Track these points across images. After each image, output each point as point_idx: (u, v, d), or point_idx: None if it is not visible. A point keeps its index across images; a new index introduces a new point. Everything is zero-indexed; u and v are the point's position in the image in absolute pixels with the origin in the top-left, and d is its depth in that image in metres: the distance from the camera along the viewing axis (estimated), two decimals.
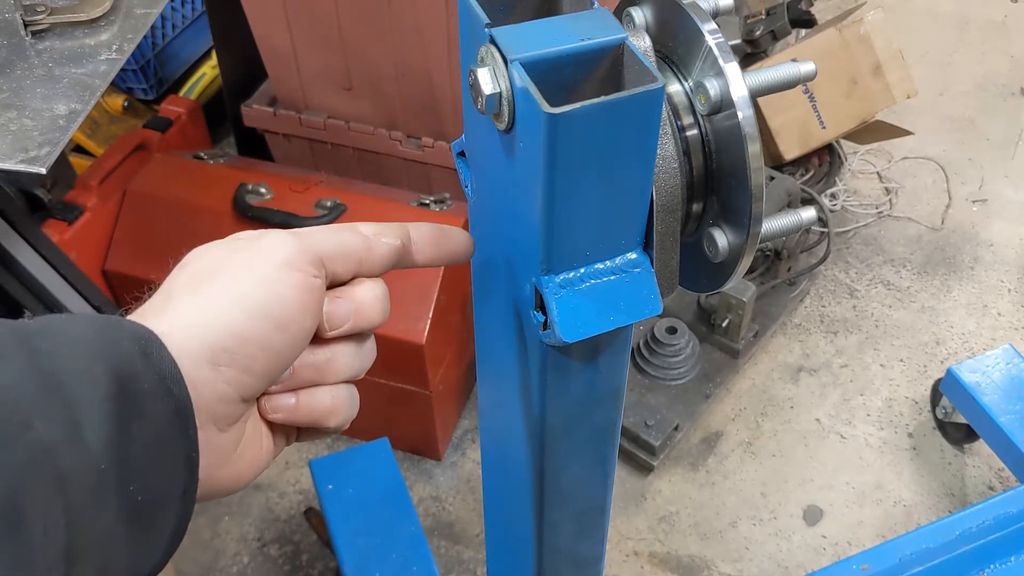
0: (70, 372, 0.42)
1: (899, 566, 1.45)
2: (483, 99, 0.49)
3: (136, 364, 0.44)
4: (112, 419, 0.42)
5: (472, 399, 1.95)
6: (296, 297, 0.50)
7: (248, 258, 0.50)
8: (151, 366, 0.45)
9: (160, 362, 0.45)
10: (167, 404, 0.45)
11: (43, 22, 1.20)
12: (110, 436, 0.42)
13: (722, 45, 0.51)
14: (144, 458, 0.44)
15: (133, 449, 0.43)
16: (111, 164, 1.82)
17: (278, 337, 0.49)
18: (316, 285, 0.51)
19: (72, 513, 0.41)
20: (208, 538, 1.75)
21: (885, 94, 2.13)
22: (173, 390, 0.45)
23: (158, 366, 0.45)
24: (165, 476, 0.45)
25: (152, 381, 0.44)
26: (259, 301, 0.48)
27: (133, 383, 0.44)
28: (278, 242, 0.51)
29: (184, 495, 0.46)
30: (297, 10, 1.82)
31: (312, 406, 0.54)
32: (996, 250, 2.30)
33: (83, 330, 0.45)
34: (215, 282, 0.49)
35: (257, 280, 0.49)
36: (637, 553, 1.73)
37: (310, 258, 0.51)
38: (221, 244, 0.52)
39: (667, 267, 0.56)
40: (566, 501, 0.72)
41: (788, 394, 1.99)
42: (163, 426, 0.45)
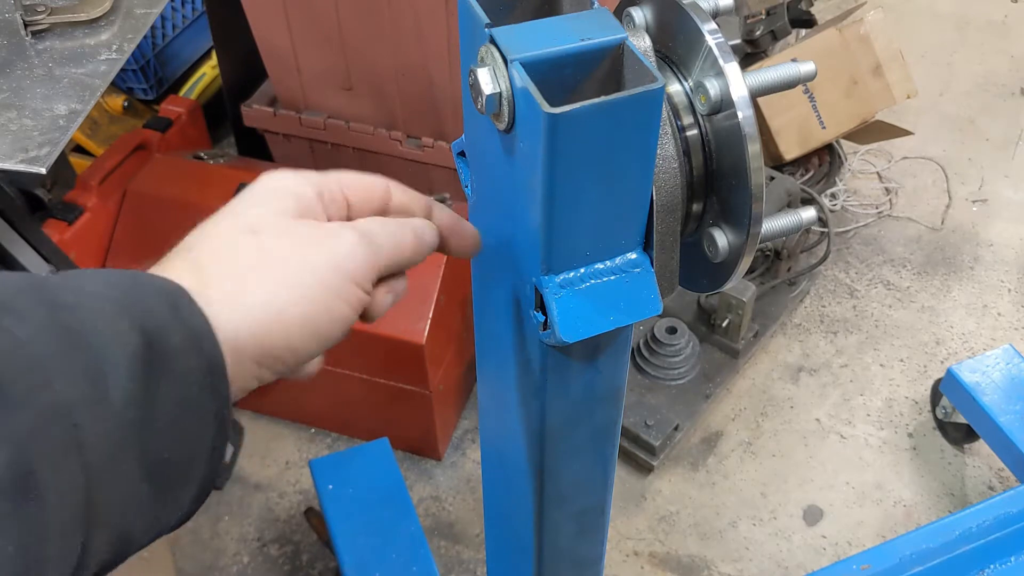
0: (94, 328, 0.41)
1: (899, 566, 1.45)
2: (483, 99, 0.49)
3: (165, 319, 0.43)
4: (138, 377, 0.41)
5: (472, 399, 1.95)
6: (348, 317, 0.50)
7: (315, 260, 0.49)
8: (181, 321, 0.44)
9: (190, 317, 0.44)
10: (198, 361, 0.44)
11: (43, 22, 1.20)
12: (135, 394, 0.41)
13: (722, 45, 0.51)
14: (171, 416, 0.43)
15: (160, 407, 0.42)
16: (111, 164, 1.82)
17: (317, 350, 0.50)
18: (365, 302, 0.52)
19: (92, 473, 0.40)
20: (208, 538, 1.75)
21: (885, 94, 2.13)
22: (203, 346, 0.44)
23: (187, 321, 0.44)
24: (193, 433, 0.44)
25: (181, 336, 0.43)
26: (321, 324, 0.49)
27: (162, 339, 0.42)
28: (351, 252, 0.50)
29: (213, 450, 0.46)
30: (297, 10, 1.82)
31: None
32: (996, 250, 2.30)
33: (108, 284, 0.43)
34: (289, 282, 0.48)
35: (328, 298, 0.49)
36: (637, 553, 1.73)
37: (374, 276, 0.51)
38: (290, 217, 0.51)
39: (667, 267, 0.56)
40: (566, 501, 0.72)
41: (788, 394, 1.99)
42: (193, 383, 0.44)
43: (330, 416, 1.89)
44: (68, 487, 0.39)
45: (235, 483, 1.82)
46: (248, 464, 1.85)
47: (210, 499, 1.80)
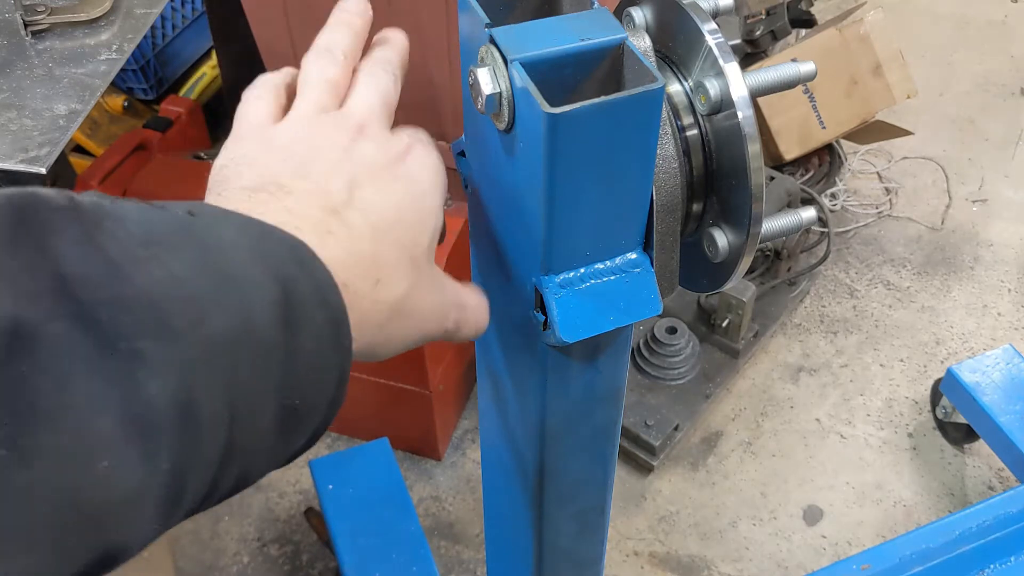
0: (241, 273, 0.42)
1: (899, 566, 1.45)
2: (483, 99, 0.49)
3: (294, 271, 0.44)
4: (279, 324, 0.42)
5: (472, 399, 1.95)
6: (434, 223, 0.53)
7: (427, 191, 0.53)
8: (307, 273, 0.44)
9: (314, 270, 0.45)
10: (324, 312, 0.44)
11: (43, 22, 1.20)
12: (277, 340, 0.42)
13: (722, 45, 0.51)
14: (305, 366, 0.43)
15: (296, 354, 0.43)
16: (111, 164, 1.82)
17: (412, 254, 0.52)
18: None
19: (236, 412, 0.40)
20: (208, 538, 1.75)
21: (885, 94, 2.13)
22: (329, 298, 0.45)
23: (312, 274, 0.44)
24: (320, 385, 0.45)
25: (310, 288, 0.44)
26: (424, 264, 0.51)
27: (294, 290, 0.43)
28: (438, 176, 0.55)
29: (331, 403, 0.46)
30: (297, 10, 1.82)
31: None
32: (996, 250, 2.30)
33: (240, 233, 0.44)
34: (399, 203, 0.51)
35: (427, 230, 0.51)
36: (637, 553, 1.73)
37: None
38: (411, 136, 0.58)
39: (667, 267, 0.56)
40: (566, 501, 0.72)
41: (788, 394, 1.99)
42: (321, 336, 0.44)
43: None
44: (218, 422, 0.40)
45: None
46: None
47: None
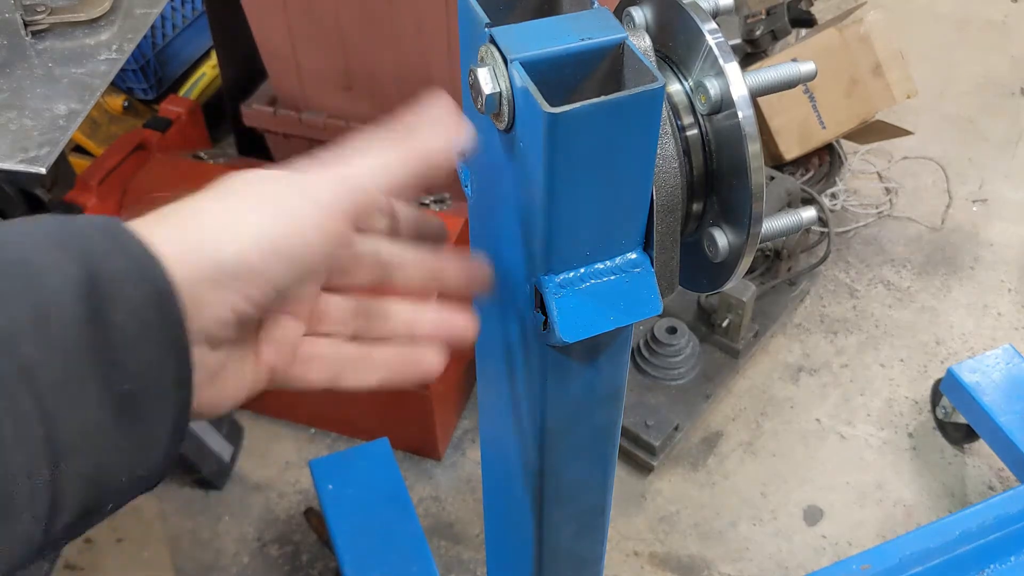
0: (30, 259, 0.41)
1: (899, 566, 1.45)
2: (483, 99, 0.49)
3: (104, 248, 0.43)
4: (82, 303, 0.41)
5: (472, 399, 1.95)
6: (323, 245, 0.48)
7: (289, 193, 0.48)
8: (121, 249, 0.43)
9: (130, 245, 0.44)
10: (144, 287, 0.43)
11: (43, 22, 1.20)
12: (81, 320, 0.41)
13: (722, 45, 0.51)
14: (125, 343, 0.42)
15: (111, 334, 0.42)
16: (111, 164, 1.82)
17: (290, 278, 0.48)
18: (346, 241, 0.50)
19: (47, 403, 0.39)
20: (208, 538, 1.75)
21: (885, 94, 2.13)
22: (147, 273, 0.43)
23: (128, 250, 0.43)
24: (151, 361, 0.43)
25: (123, 263, 0.43)
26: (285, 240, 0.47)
27: (102, 266, 0.42)
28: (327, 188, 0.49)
29: (179, 383, 0.44)
30: (297, 10, 1.82)
31: None
32: (996, 250, 2.30)
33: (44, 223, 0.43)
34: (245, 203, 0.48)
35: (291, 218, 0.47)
36: (637, 553, 1.73)
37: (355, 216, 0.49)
38: (269, 171, 0.50)
39: (667, 267, 0.56)
40: (566, 501, 0.72)
41: (788, 394, 1.99)
42: (141, 309, 0.43)
43: (330, 416, 1.89)
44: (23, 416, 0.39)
45: (235, 483, 1.82)
46: (248, 464, 1.85)
47: (210, 499, 1.80)
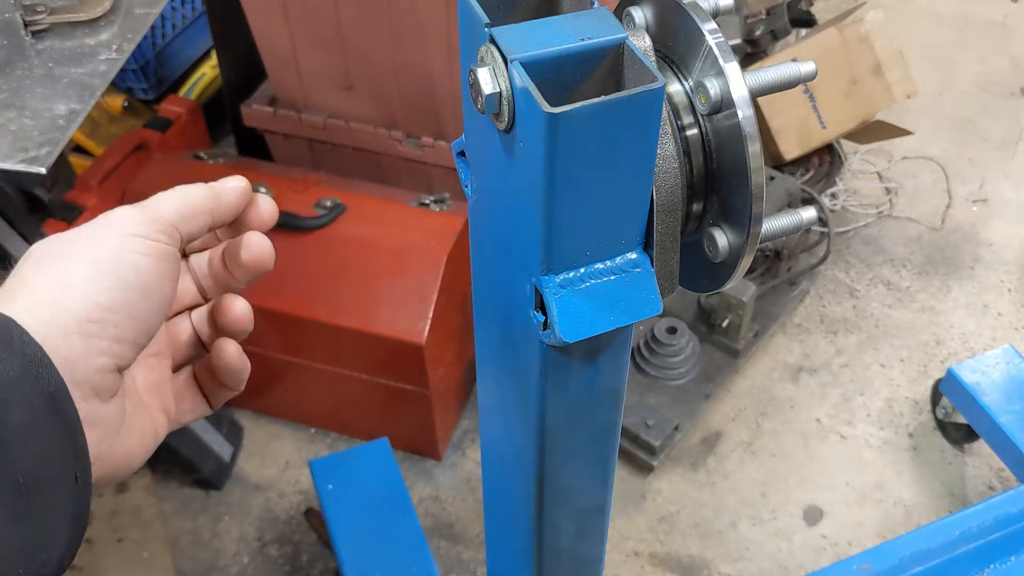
0: None
1: (899, 566, 1.45)
2: (483, 99, 0.49)
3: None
4: None
5: (472, 399, 1.95)
6: (152, 265, 0.51)
7: (97, 235, 0.51)
8: (12, 352, 0.44)
9: (23, 347, 0.45)
10: (36, 387, 0.44)
11: (43, 22, 1.20)
12: None
13: (722, 45, 0.51)
14: (18, 441, 0.43)
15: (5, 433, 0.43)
16: (111, 164, 1.82)
17: (141, 304, 0.50)
18: (169, 252, 0.53)
19: None
20: (208, 538, 1.75)
21: (885, 94, 2.13)
22: (41, 373, 0.45)
23: (20, 351, 0.45)
24: (48, 458, 0.44)
25: (17, 368, 0.44)
26: (115, 272, 0.49)
27: None
28: (124, 216, 0.52)
29: (77, 479, 0.46)
30: (297, 10, 1.82)
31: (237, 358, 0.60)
32: (996, 250, 2.30)
33: None
34: (68, 258, 0.50)
35: (110, 253, 0.50)
36: (637, 553, 1.73)
37: (160, 226, 0.52)
38: (68, 231, 0.53)
39: (667, 267, 0.56)
40: (566, 501, 0.72)
41: (788, 394, 1.99)
42: (35, 409, 0.44)
43: (330, 416, 1.89)
44: None
45: (235, 483, 1.82)
46: (248, 464, 1.85)
47: (210, 499, 1.80)
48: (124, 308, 0.49)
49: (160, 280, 0.51)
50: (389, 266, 1.66)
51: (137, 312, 0.50)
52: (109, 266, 0.49)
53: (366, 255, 1.68)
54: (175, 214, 0.54)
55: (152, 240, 0.52)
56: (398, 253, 1.67)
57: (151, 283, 0.51)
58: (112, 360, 0.49)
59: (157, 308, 0.52)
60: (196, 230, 0.55)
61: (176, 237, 0.53)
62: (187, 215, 0.54)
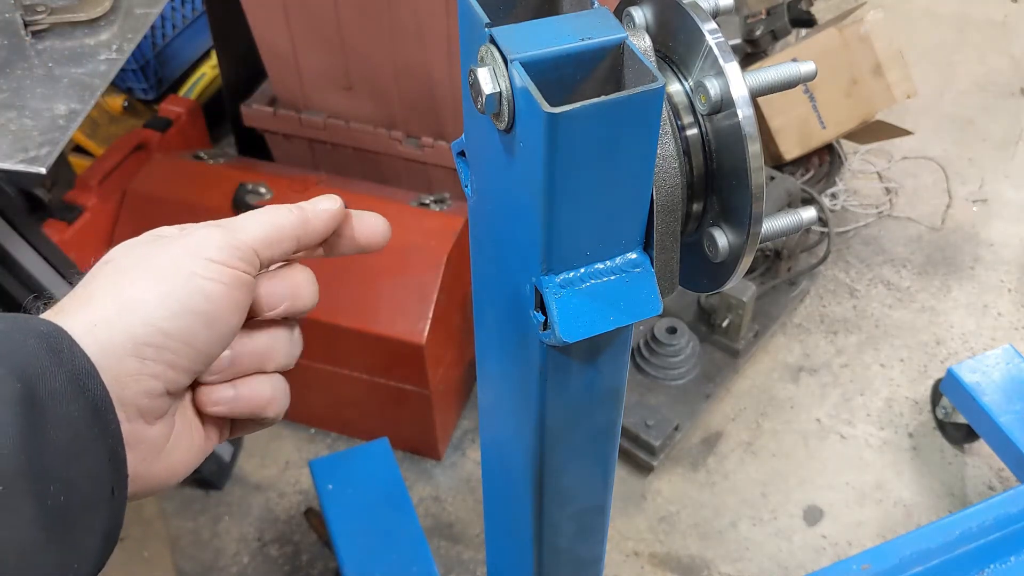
0: None
1: (899, 566, 1.45)
2: (483, 99, 0.49)
3: (43, 362, 0.43)
4: (20, 421, 0.41)
5: (472, 399, 1.95)
6: (224, 293, 0.49)
7: (173, 254, 0.49)
8: (61, 363, 0.44)
9: (72, 358, 0.44)
10: (82, 401, 0.44)
11: (43, 22, 1.20)
12: (18, 440, 0.41)
13: (722, 45, 0.51)
14: (62, 460, 0.43)
15: (48, 450, 0.42)
16: (111, 164, 1.82)
17: (204, 334, 0.49)
18: (245, 281, 0.50)
19: None
20: (208, 538, 1.75)
21: (885, 94, 2.13)
22: (88, 386, 0.44)
23: (69, 362, 0.44)
24: (88, 476, 0.44)
25: (63, 379, 0.43)
26: (184, 298, 0.48)
27: (40, 383, 0.43)
28: (206, 237, 0.50)
29: (113, 494, 0.45)
30: (297, 10, 1.82)
31: (252, 397, 0.54)
32: (996, 250, 2.30)
33: None
34: (140, 275, 0.48)
35: (183, 275, 0.48)
36: (637, 553, 1.73)
37: (241, 253, 0.50)
38: (145, 240, 0.51)
39: (667, 267, 0.56)
40: (566, 501, 0.72)
41: (788, 394, 1.99)
42: (79, 425, 0.43)
43: (330, 416, 1.89)
44: None
45: (235, 483, 1.82)
46: (248, 464, 1.85)
47: (210, 499, 1.80)
48: (185, 336, 0.48)
49: (229, 310, 0.49)
50: (389, 266, 1.66)
51: (197, 342, 0.48)
52: (178, 291, 0.48)
53: (366, 255, 1.68)
54: (259, 240, 0.51)
55: (229, 267, 0.49)
56: (398, 253, 1.67)
57: (218, 313, 0.49)
58: (162, 384, 0.48)
59: (219, 339, 0.50)
60: (278, 256, 0.52)
61: (255, 264, 0.51)
62: (272, 241, 0.52)
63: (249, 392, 0.54)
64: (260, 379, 0.54)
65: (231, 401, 0.53)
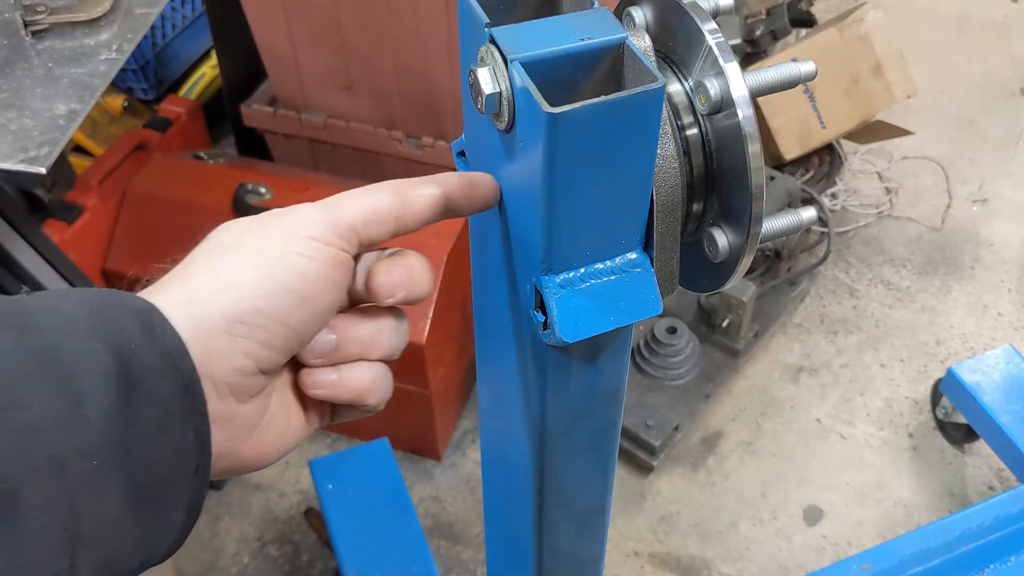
0: (67, 349, 0.41)
1: (899, 566, 1.45)
2: (483, 99, 0.49)
3: (137, 339, 0.43)
4: (113, 396, 0.41)
5: (472, 399, 1.95)
6: (321, 272, 0.48)
7: (271, 232, 0.49)
8: (153, 340, 0.44)
9: (164, 335, 0.44)
10: (172, 379, 0.44)
11: (43, 22, 1.20)
12: (112, 415, 0.41)
13: (722, 45, 0.51)
14: (151, 436, 0.43)
15: (139, 427, 0.42)
16: (111, 164, 1.82)
17: (299, 312, 0.48)
18: (343, 259, 0.50)
19: (74, 494, 0.40)
20: (208, 538, 1.75)
21: (885, 94, 2.13)
22: (178, 364, 0.44)
23: (161, 340, 0.44)
24: (175, 453, 0.44)
25: (155, 356, 0.43)
26: (280, 275, 0.47)
27: (134, 358, 0.43)
28: (304, 215, 0.49)
29: (197, 471, 0.45)
30: (297, 10, 1.82)
31: (353, 382, 0.53)
32: (996, 250, 2.30)
33: (78, 306, 0.44)
34: (237, 254, 0.48)
35: (280, 254, 0.48)
36: (637, 553, 1.73)
37: (339, 231, 0.49)
38: (248, 219, 0.51)
39: (667, 267, 0.56)
40: (566, 501, 0.72)
41: (788, 394, 1.99)
42: (169, 402, 0.44)
43: None
44: (51, 507, 0.39)
45: (235, 483, 1.82)
46: None
47: (210, 499, 1.80)
48: (279, 315, 0.47)
49: (325, 288, 0.49)
50: None
51: (292, 320, 0.48)
52: (274, 269, 0.47)
53: None
54: (358, 218, 0.50)
55: (327, 244, 0.49)
56: None
57: (315, 292, 0.48)
58: (254, 363, 0.48)
59: (314, 318, 0.49)
60: (377, 236, 0.51)
61: (355, 242, 0.50)
62: (371, 220, 0.50)
63: (352, 378, 0.53)
64: (363, 366, 0.53)
65: (333, 385, 0.52)
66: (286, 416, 0.53)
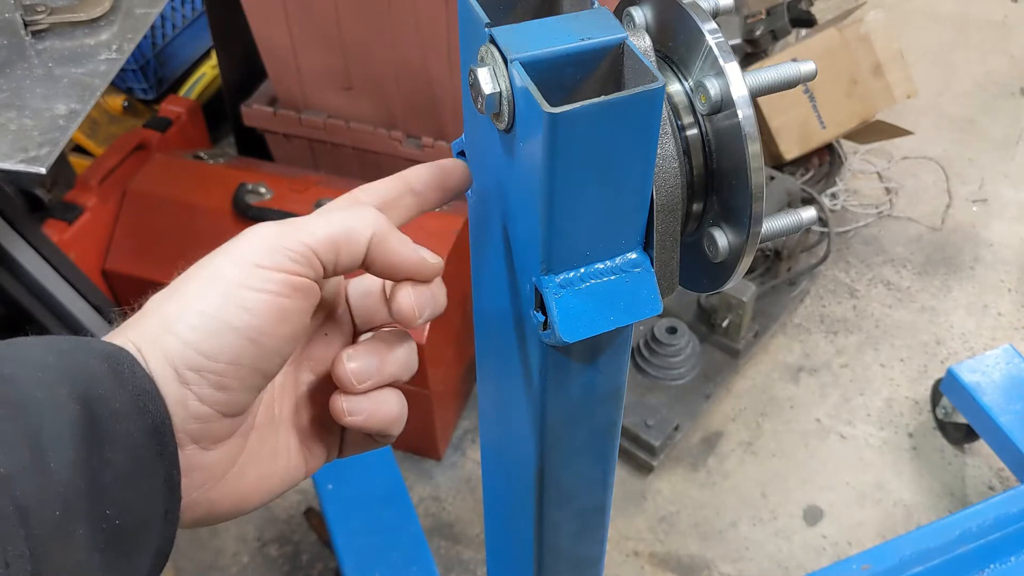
0: (32, 398, 0.40)
1: (899, 566, 1.45)
2: (483, 99, 0.49)
3: (105, 384, 0.42)
4: (80, 443, 0.40)
5: (472, 399, 1.95)
6: (270, 304, 0.44)
7: (220, 262, 0.45)
8: (122, 384, 0.42)
9: (133, 379, 0.42)
10: (141, 422, 0.42)
11: (43, 22, 1.20)
12: (76, 463, 0.40)
13: (722, 45, 0.51)
14: (119, 481, 0.41)
15: (107, 473, 0.41)
16: (111, 164, 1.82)
17: (251, 351, 0.44)
18: (300, 285, 0.45)
19: (38, 544, 0.38)
20: (207, 538, 1.75)
21: (885, 94, 2.13)
22: (148, 407, 0.42)
23: (131, 383, 0.42)
24: (145, 497, 0.43)
25: (123, 400, 0.42)
26: (222, 314, 0.44)
27: (102, 404, 0.41)
28: (254, 240, 0.45)
29: (167, 515, 0.44)
30: (297, 10, 1.82)
31: (386, 411, 0.51)
32: (996, 250, 2.30)
33: (45, 353, 0.42)
34: (184, 290, 0.45)
35: (221, 288, 0.44)
36: (637, 553, 1.73)
37: (292, 254, 0.45)
38: (217, 249, 0.48)
39: (667, 267, 0.56)
40: (566, 501, 0.72)
41: (788, 394, 1.99)
42: (138, 446, 0.42)
43: None
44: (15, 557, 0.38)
45: None
46: None
47: None
48: (229, 356, 0.44)
49: (278, 321, 0.44)
50: None
51: (244, 359, 0.44)
52: (217, 307, 0.44)
53: None
54: (321, 241, 0.46)
55: (278, 271, 0.44)
56: None
57: (263, 326, 0.44)
58: (213, 408, 0.44)
59: (271, 353, 0.45)
60: (348, 259, 0.47)
61: (315, 266, 0.46)
62: (338, 243, 0.46)
63: (385, 406, 0.50)
64: (393, 393, 0.51)
65: (369, 413, 0.50)
66: (272, 455, 0.50)
